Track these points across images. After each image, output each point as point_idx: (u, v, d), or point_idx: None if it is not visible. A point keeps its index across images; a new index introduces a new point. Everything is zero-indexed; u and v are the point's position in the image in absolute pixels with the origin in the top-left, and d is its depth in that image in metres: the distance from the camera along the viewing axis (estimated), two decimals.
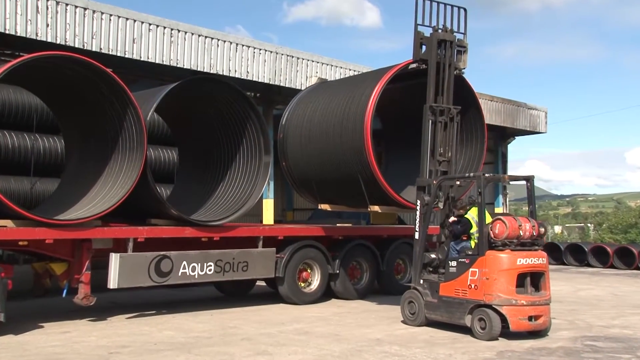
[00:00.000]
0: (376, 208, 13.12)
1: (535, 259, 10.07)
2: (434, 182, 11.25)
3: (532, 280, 10.09)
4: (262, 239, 13.15)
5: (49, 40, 13.56)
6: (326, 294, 14.04)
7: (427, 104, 11.80)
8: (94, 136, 12.30)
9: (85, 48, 13.95)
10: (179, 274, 11.84)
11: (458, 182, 11.30)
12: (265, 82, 17.59)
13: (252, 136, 13.47)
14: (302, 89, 17.22)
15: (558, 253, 26.24)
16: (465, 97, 12.85)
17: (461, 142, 13.17)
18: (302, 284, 13.70)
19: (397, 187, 13.22)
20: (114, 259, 11.12)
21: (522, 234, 10.02)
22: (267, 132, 13.28)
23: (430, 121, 11.72)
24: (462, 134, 13.23)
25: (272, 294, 14.44)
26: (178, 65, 15.84)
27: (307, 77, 18.53)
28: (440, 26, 12.14)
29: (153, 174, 13.07)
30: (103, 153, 11.96)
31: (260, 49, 17.40)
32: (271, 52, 17.77)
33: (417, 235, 11.20)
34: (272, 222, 18.49)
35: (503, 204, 30.12)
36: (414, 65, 12.66)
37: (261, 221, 19.22)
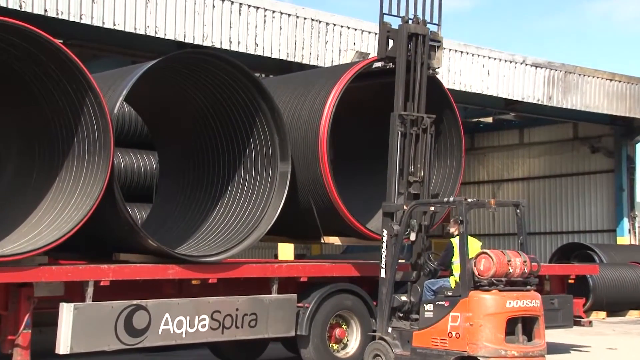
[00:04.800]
0: (332, 240, 14.40)
1: (528, 302, 11.40)
2: (405, 207, 12.46)
3: (523, 326, 11.30)
4: (278, 281, 13.11)
5: None
6: None
7: (395, 112, 12.86)
8: (38, 137, 12.35)
9: (23, 9, 14.08)
10: (159, 332, 11.78)
11: (432, 208, 12.55)
12: (282, 58, 17.65)
13: (263, 135, 13.47)
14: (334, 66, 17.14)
15: None
16: (436, 99, 14.12)
17: (434, 155, 14.30)
18: (335, 346, 13.63)
19: (360, 210, 14.40)
20: (66, 312, 11.03)
21: (511, 270, 11.32)
22: (284, 129, 13.26)
23: (399, 133, 12.80)
24: (435, 145, 14.32)
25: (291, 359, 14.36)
26: (157, 35, 15.94)
27: (340, 50, 18.52)
28: (411, 16, 13.20)
29: (124, 189, 13.07)
30: (51, 160, 12.00)
31: (273, 12, 17.46)
32: (289, 15, 17.80)
33: (382, 273, 12.46)
34: (291, 257, 18.47)
35: (630, 230, 29.53)
36: (378, 64, 13.86)
37: (276, 256, 19.23)
